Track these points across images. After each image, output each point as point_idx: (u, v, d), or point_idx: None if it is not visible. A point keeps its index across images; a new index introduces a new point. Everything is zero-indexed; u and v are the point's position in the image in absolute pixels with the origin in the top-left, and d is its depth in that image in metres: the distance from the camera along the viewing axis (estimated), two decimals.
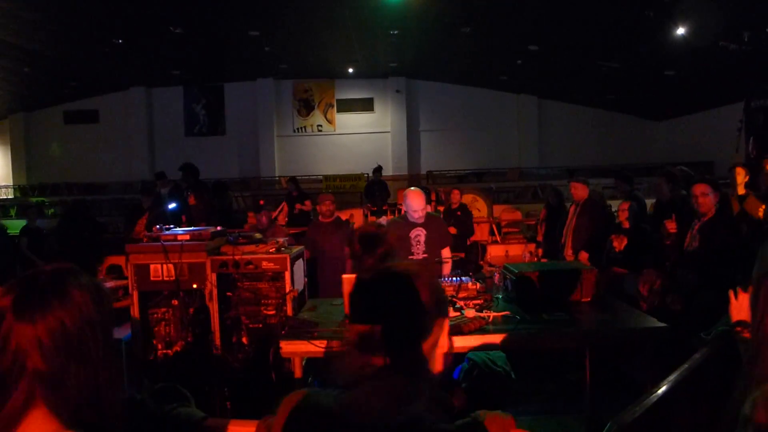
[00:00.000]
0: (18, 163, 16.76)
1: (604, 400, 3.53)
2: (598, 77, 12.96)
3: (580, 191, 5.73)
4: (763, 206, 4.29)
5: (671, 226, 4.32)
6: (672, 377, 2.46)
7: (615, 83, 13.27)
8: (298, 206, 8.94)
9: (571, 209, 5.91)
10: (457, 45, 12.17)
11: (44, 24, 10.25)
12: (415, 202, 4.20)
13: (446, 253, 4.44)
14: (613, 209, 7.15)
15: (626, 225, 5.35)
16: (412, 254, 4.34)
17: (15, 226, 11.13)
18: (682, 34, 9.50)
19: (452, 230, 7.54)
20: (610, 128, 15.66)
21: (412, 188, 4.41)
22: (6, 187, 16.55)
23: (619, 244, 5.36)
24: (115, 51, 12.21)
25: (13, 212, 13.55)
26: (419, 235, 4.31)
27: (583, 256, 5.47)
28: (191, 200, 7.56)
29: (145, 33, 11.29)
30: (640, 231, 5.32)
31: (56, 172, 16.20)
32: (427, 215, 4.35)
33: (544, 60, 12.51)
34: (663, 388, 2.39)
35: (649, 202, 6.47)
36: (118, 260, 6.81)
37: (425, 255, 4.34)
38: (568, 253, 5.59)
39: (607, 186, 12.45)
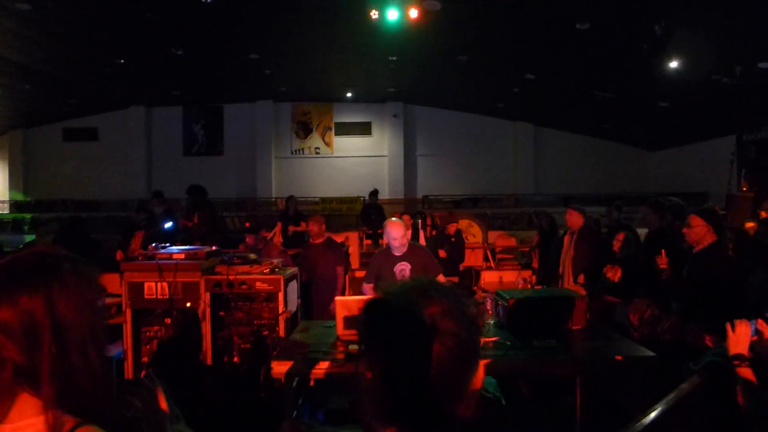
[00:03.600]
0: (15, 179, 16.77)
1: (594, 427, 3.52)
2: (594, 106, 13.16)
3: (575, 218, 5.73)
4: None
5: (661, 261, 4.34)
6: (660, 405, 2.48)
7: (610, 113, 13.46)
8: (291, 228, 8.88)
9: (566, 237, 5.91)
10: (455, 72, 12.35)
11: (46, 43, 10.38)
12: (394, 231, 4.10)
13: (441, 279, 4.42)
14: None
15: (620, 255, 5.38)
16: None
17: (7, 243, 11.10)
18: (676, 67, 9.68)
19: (442, 254, 7.50)
20: (605, 157, 15.83)
21: (393, 219, 4.34)
22: (2, 202, 16.53)
23: (614, 274, 5.36)
24: (117, 70, 12.34)
25: (8, 228, 13.50)
26: (404, 269, 4.19)
27: (581, 279, 5.48)
28: (195, 219, 7.58)
29: (146, 53, 11.44)
30: (634, 261, 5.35)
31: (54, 188, 16.20)
32: (410, 246, 4.25)
33: (541, 88, 12.70)
34: (651, 416, 2.40)
35: (641, 231, 6.55)
36: (111, 278, 6.77)
37: None
38: (569, 281, 5.59)
39: (603, 214, 12.54)
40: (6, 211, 15.97)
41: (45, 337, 0.93)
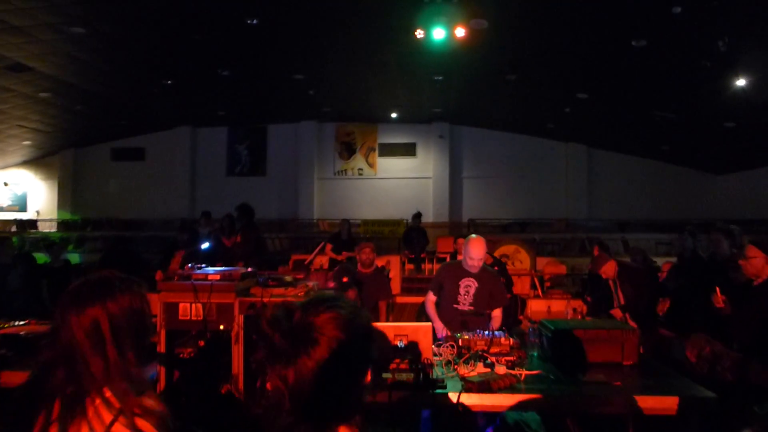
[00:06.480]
0: (64, 198, 17.17)
1: None
2: (652, 127, 12.51)
3: (609, 271, 5.11)
4: None
5: (717, 300, 3.93)
6: None
7: (670, 134, 12.77)
8: (345, 253, 8.53)
9: (610, 284, 5.37)
10: (503, 92, 12.01)
11: (98, 64, 10.61)
12: (474, 250, 4.04)
13: (497, 314, 4.18)
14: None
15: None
16: (457, 303, 4.14)
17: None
18: (743, 86, 9.08)
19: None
20: (665, 181, 14.98)
21: (474, 236, 4.23)
22: (51, 221, 16.99)
23: (662, 307, 5.03)
24: (164, 91, 12.56)
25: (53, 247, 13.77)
26: (470, 285, 4.13)
27: (629, 320, 4.99)
28: (238, 239, 7.49)
29: (193, 74, 11.58)
30: (683, 292, 4.97)
31: (101, 207, 16.52)
32: (483, 267, 4.17)
33: (594, 108, 12.19)
34: None
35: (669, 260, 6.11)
36: (150, 298, 6.58)
37: (471, 307, 4.13)
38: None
39: (660, 241, 11.84)
40: (54, 230, 16.34)
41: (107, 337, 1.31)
